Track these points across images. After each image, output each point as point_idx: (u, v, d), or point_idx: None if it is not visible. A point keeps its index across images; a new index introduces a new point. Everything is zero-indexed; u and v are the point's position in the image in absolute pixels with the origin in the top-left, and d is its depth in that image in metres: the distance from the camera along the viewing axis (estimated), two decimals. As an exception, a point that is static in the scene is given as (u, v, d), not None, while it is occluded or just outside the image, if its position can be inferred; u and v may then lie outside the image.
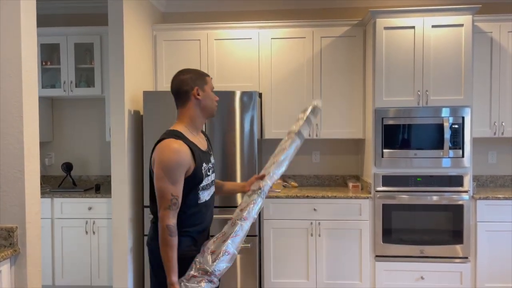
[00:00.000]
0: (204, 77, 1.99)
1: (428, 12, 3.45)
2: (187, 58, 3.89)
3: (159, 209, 1.79)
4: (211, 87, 1.99)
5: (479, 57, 3.64)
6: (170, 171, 1.77)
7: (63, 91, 3.95)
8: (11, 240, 1.95)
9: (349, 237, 3.54)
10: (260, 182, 2.04)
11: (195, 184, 1.87)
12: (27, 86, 2.01)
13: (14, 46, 1.98)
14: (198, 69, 2.06)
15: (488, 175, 4.03)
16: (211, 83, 2.01)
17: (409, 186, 3.50)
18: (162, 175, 1.77)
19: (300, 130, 2.13)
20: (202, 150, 1.94)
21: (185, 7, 4.22)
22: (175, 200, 1.78)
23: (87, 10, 4.22)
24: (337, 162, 4.17)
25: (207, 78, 1.99)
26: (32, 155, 2.04)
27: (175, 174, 1.78)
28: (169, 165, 1.78)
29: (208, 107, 1.97)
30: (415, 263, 3.49)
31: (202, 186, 1.90)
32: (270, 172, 2.06)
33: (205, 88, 1.96)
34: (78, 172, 4.29)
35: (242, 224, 1.89)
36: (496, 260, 3.46)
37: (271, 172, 2.06)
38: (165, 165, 1.78)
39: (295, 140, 2.13)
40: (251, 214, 1.92)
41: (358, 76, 3.81)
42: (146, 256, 3.55)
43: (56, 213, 3.72)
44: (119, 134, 3.36)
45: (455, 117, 3.46)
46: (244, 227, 1.89)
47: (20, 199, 1.98)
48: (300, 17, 4.10)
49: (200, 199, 1.91)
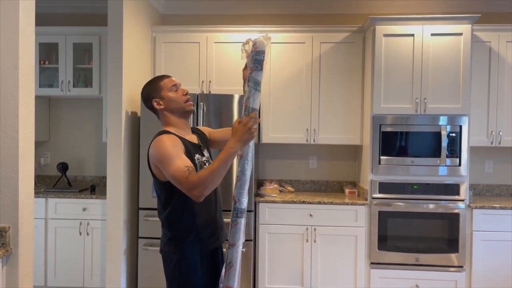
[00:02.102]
0: (158, 83, 1.94)
1: (428, 20, 3.46)
2: (186, 60, 3.88)
3: (184, 188, 1.70)
4: (168, 88, 1.92)
5: (477, 66, 3.65)
6: (170, 152, 1.76)
7: (60, 90, 3.93)
8: (3, 240, 1.93)
9: (344, 243, 3.53)
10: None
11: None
12: (23, 85, 1.99)
13: (11, 44, 1.96)
14: (152, 78, 1.99)
15: (485, 184, 4.03)
16: (168, 83, 1.93)
17: (405, 194, 3.50)
18: (166, 161, 1.76)
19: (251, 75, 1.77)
20: (193, 143, 1.95)
21: (184, 9, 4.22)
22: (191, 168, 1.74)
23: (87, 10, 4.21)
24: (334, 168, 4.17)
25: (161, 83, 1.93)
26: (27, 154, 2.02)
27: (176, 151, 1.77)
28: (165, 148, 1.77)
29: (175, 108, 1.92)
30: (410, 271, 3.48)
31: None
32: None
33: (162, 95, 1.92)
34: (74, 173, 4.27)
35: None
36: (491, 270, 3.45)
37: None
38: (163, 151, 1.77)
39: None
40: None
41: (356, 82, 3.81)
42: (139, 258, 3.52)
43: (50, 213, 3.69)
44: (116, 135, 3.35)
45: (452, 126, 3.46)
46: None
47: (13, 199, 1.96)
48: (300, 22, 4.11)
49: None
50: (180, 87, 1.97)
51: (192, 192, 1.70)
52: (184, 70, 3.85)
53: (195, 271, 1.88)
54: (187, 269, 1.88)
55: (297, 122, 3.84)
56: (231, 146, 1.70)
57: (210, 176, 1.69)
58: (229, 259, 1.82)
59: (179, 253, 1.89)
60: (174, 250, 1.90)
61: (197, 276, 1.88)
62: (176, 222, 1.90)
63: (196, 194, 1.69)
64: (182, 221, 1.88)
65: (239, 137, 1.70)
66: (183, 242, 1.88)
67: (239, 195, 1.79)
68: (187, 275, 1.87)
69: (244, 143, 1.72)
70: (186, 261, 1.88)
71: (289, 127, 3.85)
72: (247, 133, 1.71)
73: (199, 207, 1.88)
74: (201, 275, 1.89)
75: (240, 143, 1.71)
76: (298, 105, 3.83)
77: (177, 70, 3.82)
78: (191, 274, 1.87)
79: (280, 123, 3.84)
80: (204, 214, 1.92)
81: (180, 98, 1.93)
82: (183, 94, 1.94)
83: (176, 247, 1.90)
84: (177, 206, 1.88)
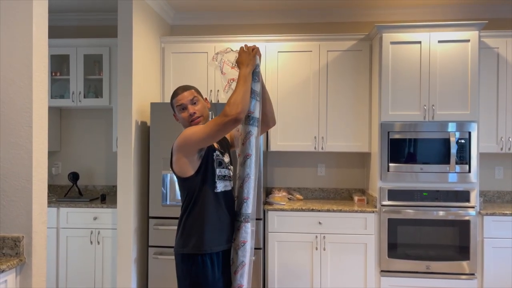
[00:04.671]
0: (172, 100, 2.09)
1: (435, 27, 3.47)
2: (195, 70, 3.92)
3: (223, 119, 1.83)
4: (178, 108, 2.05)
5: (485, 72, 3.64)
6: (192, 129, 1.93)
7: (71, 101, 3.99)
8: (17, 249, 1.96)
9: (354, 251, 3.52)
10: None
11: (212, 168, 1.98)
12: (37, 97, 2.04)
13: (25, 57, 2.01)
14: (173, 93, 2.11)
15: (495, 191, 4.00)
16: (177, 102, 2.05)
17: (415, 201, 3.48)
18: (195, 134, 1.90)
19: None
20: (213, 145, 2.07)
21: (193, 20, 4.27)
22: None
23: (97, 22, 4.29)
24: (343, 176, 4.17)
25: (174, 101, 2.08)
26: (40, 165, 2.06)
27: (195, 127, 1.95)
28: (190, 129, 1.93)
29: (185, 125, 2.05)
30: (421, 278, 3.45)
31: (218, 175, 2.00)
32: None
33: (175, 112, 2.09)
34: (85, 182, 4.32)
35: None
36: (502, 277, 3.41)
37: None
38: (188, 131, 1.92)
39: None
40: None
41: (364, 89, 3.82)
42: (150, 267, 3.54)
43: (62, 223, 3.73)
44: (125, 144, 3.39)
45: (461, 132, 3.45)
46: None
47: (27, 209, 2.00)
48: (306, 31, 4.14)
49: (216, 188, 1.99)
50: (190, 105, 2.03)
51: (229, 114, 1.82)
52: (192, 79, 3.89)
53: (206, 272, 1.92)
54: (199, 269, 1.92)
55: (305, 130, 3.85)
56: (243, 70, 1.96)
57: (237, 95, 1.87)
58: (240, 259, 1.92)
59: (188, 250, 1.95)
60: (185, 247, 1.96)
61: (209, 277, 1.91)
62: (189, 219, 1.97)
63: (234, 113, 1.82)
64: (194, 217, 1.96)
65: (246, 62, 1.97)
66: (192, 238, 1.94)
67: (247, 194, 1.97)
68: (199, 276, 1.91)
69: (252, 64, 1.98)
70: (198, 263, 1.92)
71: (297, 135, 3.87)
72: (250, 56, 1.99)
73: (211, 205, 1.97)
74: (213, 277, 1.93)
75: (250, 66, 1.97)
76: (306, 113, 3.85)
77: (186, 80, 3.86)
78: (204, 275, 1.91)
79: (288, 131, 3.86)
80: (215, 212, 1.98)
81: (187, 119, 2.03)
82: (189, 114, 2.02)
83: (186, 244, 1.96)
84: (192, 203, 1.97)
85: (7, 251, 1.96)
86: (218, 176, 2.01)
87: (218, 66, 2.05)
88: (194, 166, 1.95)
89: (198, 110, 2.02)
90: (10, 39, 2.01)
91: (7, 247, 1.96)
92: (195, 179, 1.96)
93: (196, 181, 1.96)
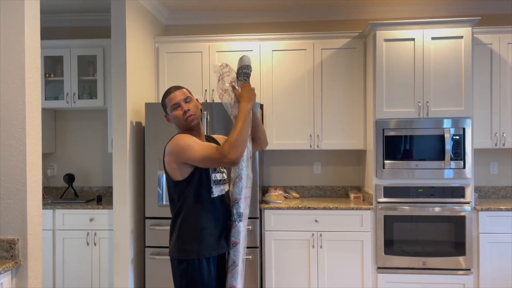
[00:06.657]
0: (164, 99, 2.06)
1: (428, 24, 3.48)
2: (189, 70, 3.92)
3: (218, 158, 1.83)
4: (172, 107, 2.01)
5: (479, 69, 3.66)
6: (189, 141, 1.91)
7: (66, 102, 3.97)
8: (12, 252, 1.95)
9: (350, 248, 3.53)
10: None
11: (206, 174, 1.97)
12: (30, 99, 2.03)
13: (18, 58, 2.00)
14: (164, 92, 2.09)
15: (490, 186, 4.02)
16: (171, 101, 2.02)
17: (410, 197, 3.49)
18: (189, 148, 1.88)
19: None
20: None
21: (186, 19, 4.27)
22: (213, 145, 1.92)
23: (90, 23, 4.27)
24: (339, 173, 4.18)
25: (166, 100, 2.04)
26: (34, 167, 2.05)
27: (195, 140, 1.92)
28: (185, 140, 1.92)
29: (179, 124, 2.03)
30: (417, 275, 3.46)
31: (213, 180, 1.99)
32: None
33: (168, 111, 2.05)
34: (80, 183, 4.30)
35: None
36: (499, 272, 3.43)
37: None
38: (183, 142, 1.91)
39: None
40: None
41: (358, 87, 3.83)
42: (147, 267, 3.54)
43: (58, 225, 3.72)
44: (121, 145, 3.38)
45: (456, 128, 3.46)
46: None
47: (22, 211, 1.99)
48: (300, 29, 4.14)
49: (213, 193, 1.99)
50: (183, 103, 2.01)
51: (228, 157, 1.80)
52: (187, 79, 3.88)
53: (202, 274, 1.92)
54: (195, 272, 1.92)
55: (300, 128, 3.85)
56: (244, 106, 1.92)
57: (239, 136, 1.84)
58: (232, 259, 1.93)
59: (187, 256, 1.94)
60: (183, 252, 1.95)
61: (204, 279, 1.91)
62: (186, 224, 1.96)
63: (232, 157, 1.80)
64: (192, 223, 1.95)
65: (248, 98, 1.94)
66: (191, 244, 1.94)
67: (238, 195, 1.99)
68: (195, 278, 1.91)
69: (253, 101, 1.96)
70: (194, 264, 1.92)
71: (293, 133, 3.87)
72: (252, 93, 1.96)
73: (208, 211, 1.96)
74: (208, 278, 1.93)
75: (251, 102, 1.94)
76: (301, 112, 3.85)
77: (181, 80, 3.86)
78: (199, 277, 1.91)
79: (283, 130, 3.86)
80: (212, 217, 1.98)
81: (181, 116, 2.00)
82: (183, 112, 1.99)
83: (184, 249, 1.95)
84: (187, 208, 1.96)
85: (2, 254, 1.95)
86: (214, 181, 2.00)
87: (220, 74, 2.02)
88: (183, 173, 1.93)
89: (192, 108, 2.01)
90: (2, 41, 2.00)
91: (2, 250, 1.96)
92: (190, 184, 1.95)
93: (191, 187, 1.95)
